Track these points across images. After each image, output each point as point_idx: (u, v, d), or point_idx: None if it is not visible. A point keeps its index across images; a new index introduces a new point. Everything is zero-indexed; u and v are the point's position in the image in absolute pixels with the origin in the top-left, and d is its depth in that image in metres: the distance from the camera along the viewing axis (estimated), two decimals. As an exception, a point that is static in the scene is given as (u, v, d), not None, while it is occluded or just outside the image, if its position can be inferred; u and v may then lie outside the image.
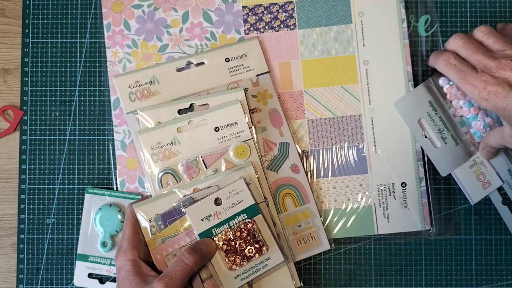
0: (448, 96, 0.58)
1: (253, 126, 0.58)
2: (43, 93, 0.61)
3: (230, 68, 0.59)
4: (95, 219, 0.59)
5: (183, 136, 0.57)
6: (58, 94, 0.61)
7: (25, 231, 0.60)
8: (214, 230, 0.53)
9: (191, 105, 0.58)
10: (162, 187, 0.56)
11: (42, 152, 0.61)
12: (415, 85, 0.60)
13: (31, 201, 0.61)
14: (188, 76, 0.59)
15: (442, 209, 0.60)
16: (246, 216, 0.54)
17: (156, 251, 0.53)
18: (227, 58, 0.59)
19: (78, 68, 0.61)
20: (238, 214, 0.54)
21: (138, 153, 0.57)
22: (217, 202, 0.53)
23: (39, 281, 0.60)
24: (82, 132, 0.61)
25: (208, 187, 0.54)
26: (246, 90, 0.59)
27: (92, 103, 0.61)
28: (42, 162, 0.61)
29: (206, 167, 0.56)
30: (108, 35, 0.61)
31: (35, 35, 0.62)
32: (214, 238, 0.53)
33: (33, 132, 0.61)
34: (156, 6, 0.61)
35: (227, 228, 0.53)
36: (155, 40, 0.61)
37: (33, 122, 0.61)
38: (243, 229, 0.53)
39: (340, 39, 0.61)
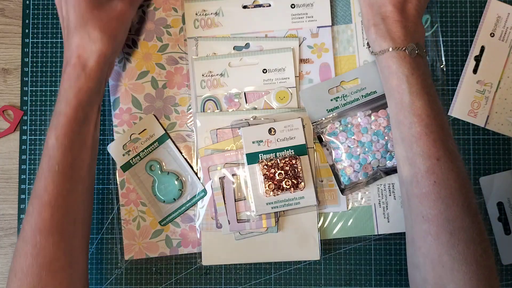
0: None
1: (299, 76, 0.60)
2: (43, 93, 0.61)
3: (294, 14, 0.60)
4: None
5: (232, 71, 0.59)
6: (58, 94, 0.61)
7: (25, 231, 0.60)
8: (261, 155, 0.57)
9: (246, 43, 0.60)
10: (204, 111, 0.59)
11: (42, 152, 0.61)
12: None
13: (31, 201, 0.61)
14: (251, 15, 0.60)
15: (442, 209, 0.60)
16: (293, 152, 0.57)
17: (203, 159, 0.58)
18: (293, 4, 0.60)
19: (78, 68, 0.61)
20: (287, 148, 0.57)
21: (190, 77, 0.60)
22: (271, 132, 0.57)
23: (39, 281, 0.60)
24: (82, 132, 0.61)
25: (266, 118, 0.58)
26: (303, 41, 0.60)
27: (92, 103, 0.61)
28: (42, 162, 0.61)
29: (247, 103, 0.59)
30: (108, 35, 0.61)
31: (35, 35, 0.62)
32: (259, 163, 0.56)
33: (33, 132, 0.61)
34: (156, 6, 0.61)
35: (273, 157, 0.56)
36: (155, 40, 0.61)
37: (33, 122, 0.61)
38: (287, 162, 0.56)
39: (340, 39, 0.61)
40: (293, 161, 0.56)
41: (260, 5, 0.60)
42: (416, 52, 0.49)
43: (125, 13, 0.52)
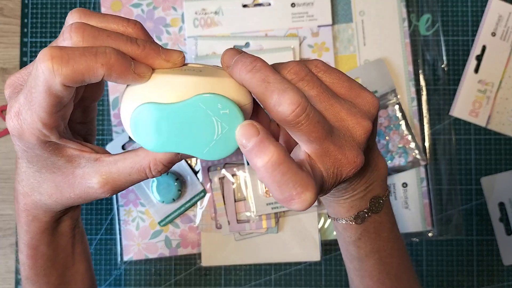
0: None
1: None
2: (42, 93, 0.61)
3: (294, 14, 0.60)
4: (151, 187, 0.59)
5: None
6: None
7: (24, 232, 0.60)
8: None
9: (246, 43, 0.59)
10: None
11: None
12: (416, 84, 0.60)
13: (30, 202, 0.60)
14: (251, 14, 0.60)
15: (443, 210, 0.60)
16: None
17: (203, 159, 0.57)
18: (293, 3, 0.60)
19: (77, 67, 0.61)
20: None
21: None
22: None
23: (38, 282, 0.60)
24: (81, 132, 0.61)
25: None
26: (303, 40, 0.60)
27: (91, 103, 0.61)
28: (40, 162, 0.60)
29: None
30: (107, 35, 0.60)
31: (34, 35, 0.61)
32: None
33: (31, 132, 0.61)
34: (155, 5, 0.60)
35: None
36: (154, 39, 0.60)
37: (32, 122, 0.61)
38: None
39: (340, 38, 0.60)
40: None
41: (260, 4, 0.60)
42: (367, 215, 0.39)
43: (97, 198, 0.35)
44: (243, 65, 0.30)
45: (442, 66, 0.60)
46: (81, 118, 0.37)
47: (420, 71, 0.60)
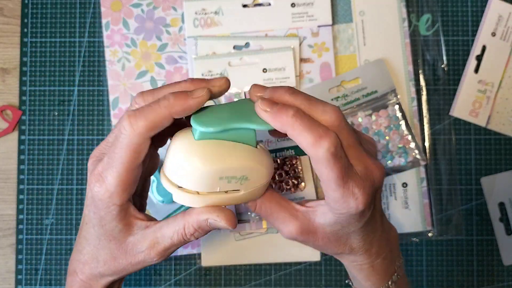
0: None
1: (299, 75, 0.60)
2: (42, 93, 0.61)
3: (294, 14, 0.60)
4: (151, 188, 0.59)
5: (232, 70, 0.59)
6: (56, 93, 0.61)
7: (24, 232, 0.60)
8: None
9: (246, 43, 0.59)
10: None
11: (41, 152, 0.61)
12: (416, 84, 0.60)
13: (30, 202, 0.60)
14: (251, 14, 0.60)
15: (443, 210, 0.60)
16: (294, 153, 0.56)
17: None
18: (293, 3, 0.60)
19: (77, 67, 0.61)
20: (287, 148, 0.57)
21: (189, 76, 0.60)
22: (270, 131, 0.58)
23: (38, 282, 0.60)
24: (81, 132, 0.61)
25: None
26: (303, 40, 0.60)
27: (91, 102, 0.61)
28: (40, 162, 0.61)
29: None
30: (107, 34, 0.60)
31: (34, 35, 0.61)
32: None
33: (31, 132, 0.61)
34: (155, 5, 0.61)
35: (273, 157, 0.56)
36: (154, 39, 0.60)
37: (32, 122, 0.61)
38: (287, 162, 0.56)
39: (340, 38, 0.60)
40: (294, 161, 0.56)
41: (260, 4, 0.60)
42: (397, 278, 0.43)
43: (146, 264, 0.39)
44: (286, 113, 0.35)
45: (442, 66, 0.60)
46: (139, 190, 0.42)
47: (420, 71, 0.60)
